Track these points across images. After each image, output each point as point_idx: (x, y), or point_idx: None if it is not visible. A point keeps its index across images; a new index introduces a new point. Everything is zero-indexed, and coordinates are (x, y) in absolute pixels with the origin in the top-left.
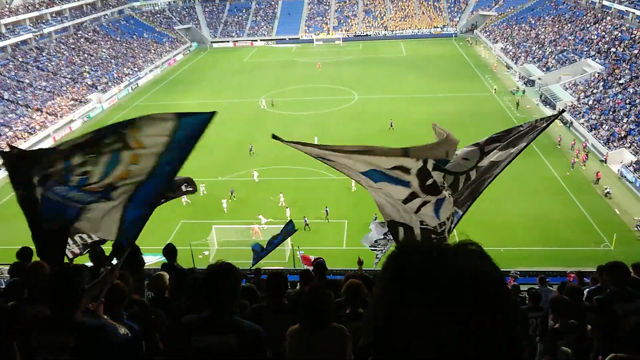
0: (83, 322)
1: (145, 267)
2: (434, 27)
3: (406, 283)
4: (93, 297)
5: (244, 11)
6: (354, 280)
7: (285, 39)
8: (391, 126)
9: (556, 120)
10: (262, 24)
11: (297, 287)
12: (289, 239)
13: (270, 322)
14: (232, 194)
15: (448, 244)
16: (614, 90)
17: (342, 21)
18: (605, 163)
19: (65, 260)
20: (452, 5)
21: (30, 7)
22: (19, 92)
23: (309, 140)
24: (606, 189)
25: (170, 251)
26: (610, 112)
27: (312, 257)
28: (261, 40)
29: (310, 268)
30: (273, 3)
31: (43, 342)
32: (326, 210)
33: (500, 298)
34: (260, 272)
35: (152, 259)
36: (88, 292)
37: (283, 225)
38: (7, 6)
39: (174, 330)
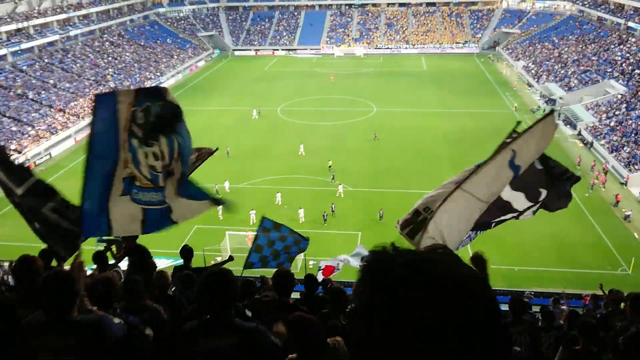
0: (79, 321)
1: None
2: (456, 43)
3: (400, 293)
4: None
5: (267, 20)
6: None
7: (306, 49)
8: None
9: (576, 141)
10: (284, 34)
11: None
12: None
13: (273, 318)
14: (217, 192)
15: (421, 250)
16: (636, 112)
17: (363, 34)
18: (626, 186)
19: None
20: (475, 21)
21: (58, 10)
22: (43, 92)
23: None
24: (626, 212)
25: (185, 252)
26: (633, 135)
27: (336, 268)
28: (282, 49)
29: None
30: (296, 13)
31: (43, 345)
32: (332, 207)
33: (490, 298)
34: (267, 281)
35: (166, 263)
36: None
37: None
38: (36, 8)
39: (177, 336)
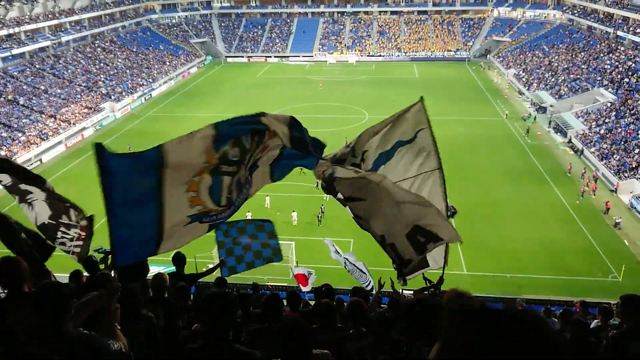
0: (72, 334)
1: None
2: (448, 51)
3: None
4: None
5: (259, 27)
6: (356, 299)
7: (299, 56)
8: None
9: (567, 149)
10: (277, 41)
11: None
12: (294, 256)
13: (264, 346)
14: None
15: (509, 307)
16: (626, 120)
17: (356, 41)
18: (616, 193)
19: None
20: (467, 29)
21: (50, 16)
22: (34, 98)
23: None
24: (616, 219)
25: (178, 259)
26: (622, 142)
27: (307, 275)
28: (275, 56)
29: (304, 288)
30: (289, 21)
31: (32, 350)
32: (322, 208)
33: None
34: (259, 288)
35: (158, 270)
36: (85, 306)
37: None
38: (28, 14)
39: (172, 340)
